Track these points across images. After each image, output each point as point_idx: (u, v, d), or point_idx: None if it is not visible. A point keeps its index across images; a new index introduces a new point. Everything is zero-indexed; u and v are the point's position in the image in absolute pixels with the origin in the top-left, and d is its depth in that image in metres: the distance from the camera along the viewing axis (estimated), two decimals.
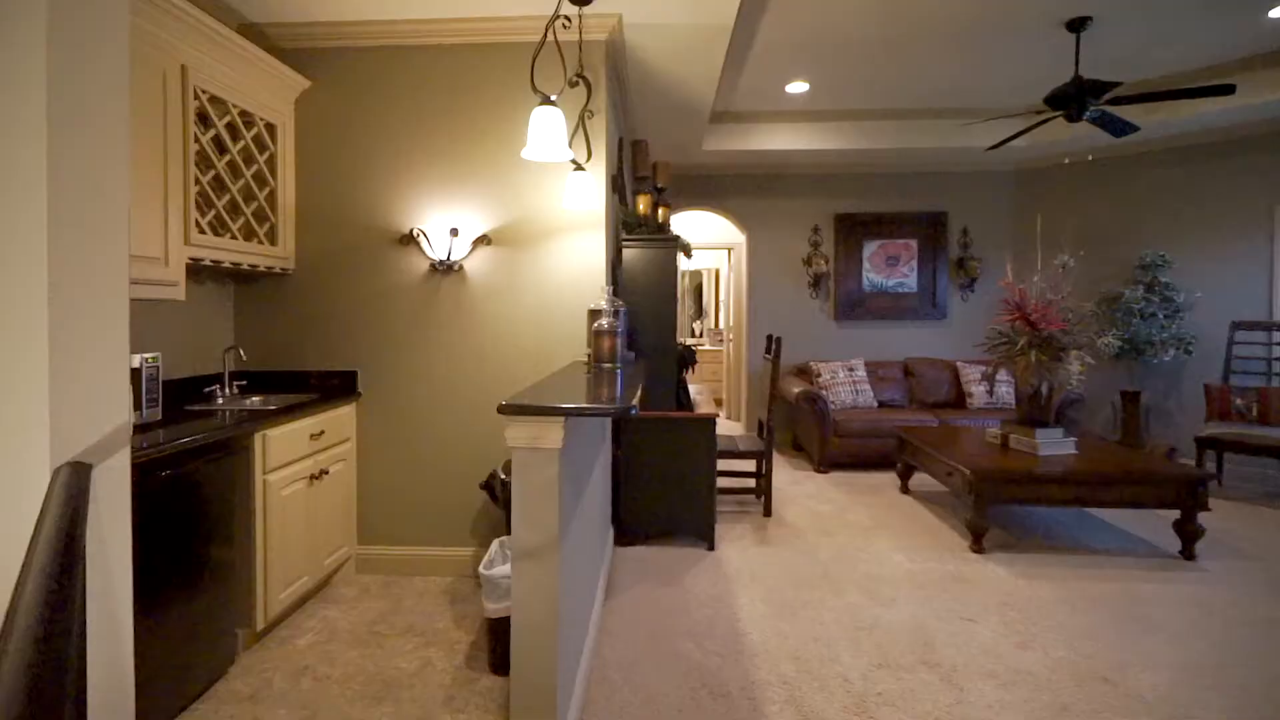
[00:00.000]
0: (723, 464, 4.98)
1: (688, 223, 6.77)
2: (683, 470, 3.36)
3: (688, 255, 4.49)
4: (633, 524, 3.38)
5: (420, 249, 3.03)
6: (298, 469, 2.53)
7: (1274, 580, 2.98)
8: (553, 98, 1.89)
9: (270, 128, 2.89)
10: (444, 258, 3.01)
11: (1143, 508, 3.28)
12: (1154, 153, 5.15)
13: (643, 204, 3.51)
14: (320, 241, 3.05)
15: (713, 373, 8.34)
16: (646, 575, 3.02)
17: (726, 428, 6.65)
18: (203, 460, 2.05)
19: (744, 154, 5.47)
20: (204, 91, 2.44)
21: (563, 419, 1.53)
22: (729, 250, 7.24)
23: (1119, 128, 3.65)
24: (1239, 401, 4.46)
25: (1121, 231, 5.30)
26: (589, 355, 2.71)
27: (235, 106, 2.64)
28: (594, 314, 2.71)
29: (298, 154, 3.04)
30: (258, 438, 2.29)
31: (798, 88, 4.57)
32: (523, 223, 3.03)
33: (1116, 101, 3.39)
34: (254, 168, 2.79)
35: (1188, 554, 3.26)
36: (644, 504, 3.37)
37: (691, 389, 4.67)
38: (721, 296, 8.36)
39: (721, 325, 8.39)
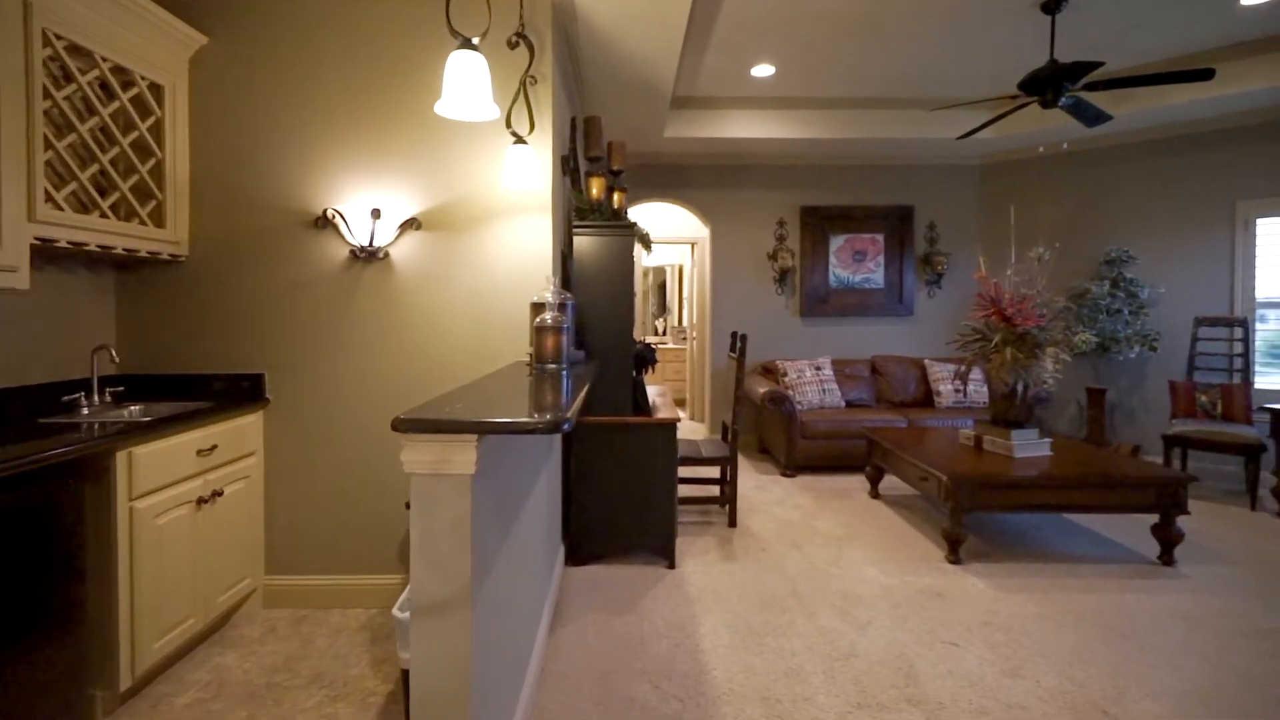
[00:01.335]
0: (684, 471, 4.70)
1: (649, 215, 6.47)
2: (641, 481, 3.05)
3: (647, 248, 4.18)
4: (585, 542, 3.06)
5: (338, 233, 2.64)
6: (180, 491, 2.12)
7: (1256, 586, 2.85)
8: (474, 41, 1.56)
9: (156, 89, 2.46)
10: (366, 243, 2.63)
11: (1122, 512, 3.13)
12: (1119, 147, 5.08)
13: (595, 187, 3.18)
14: (219, 224, 2.63)
15: (676, 372, 8.08)
16: (599, 600, 2.71)
17: (689, 430, 6.39)
18: (42, 486, 1.64)
19: (707, 142, 5.19)
20: (59, 37, 2.01)
21: (475, 438, 1.20)
22: (692, 245, 6.97)
23: (1092, 116, 3.50)
24: (1203, 398, 4.40)
25: (1087, 226, 5.23)
26: (530, 355, 2.37)
27: (107, 60, 2.21)
28: (537, 308, 2.38)
29: (193, 122, 2.62)
30: (121, 457, 1.89)
31: (763, 70, 4.32)
32: (458, 204, 2.68)
33: (1092, 87, 3.23)
34: (133, 135, 2.37)
35: (1167, 560, 3.13)
36: (597, 519, 3.06)
37: (651, 390, 4.37)
38: (685, 293, 8.10)
39: (685, 323, 8.12)
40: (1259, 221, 4.55)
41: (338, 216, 2.61)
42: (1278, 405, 3.88)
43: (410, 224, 2.67)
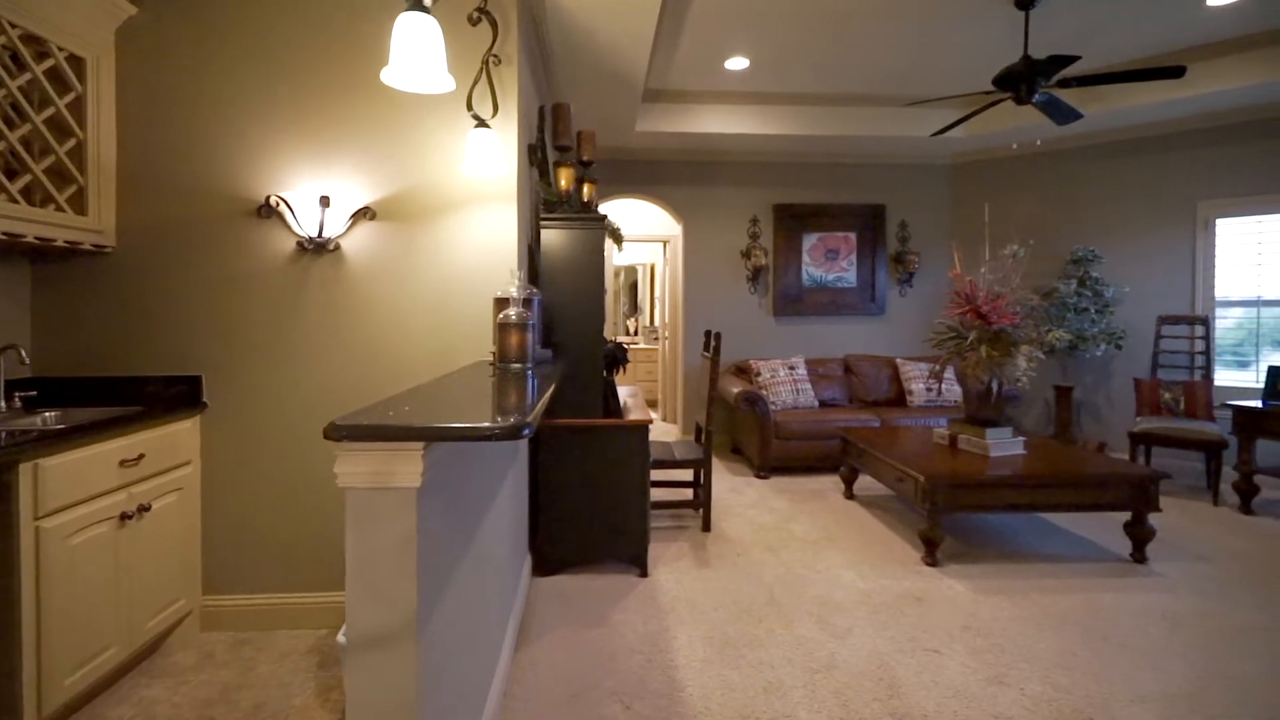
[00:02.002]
0: (657, 474, 4.59)
1: (621, 212, 6.34)
2: (612, 485, 2.91)
3: (618, 243, 4.05)
4: (553, 551, 2.92)
5: (283, 223, 2.44)
6: (99, 507, 1.91)
7: (1228, 583, 2.86)
8: (426, 2, 1.40)
9: (76, 62, 2.24)
10: (314, 234, 2.44)
11: (1097, 510, 3.12)
12: (1086, 148, 5.14)
13: (564, 178, 3.04)
14: (151, 212, 2.41)
15: (648, 372, 7.96)
16: (568, 613, 2.56)
17: (661, 432, 6.27)
18: None
19: (680, 137, 5.09)
20: None
21: (422, 446, 1.05)
22: (664, 243, 6.86)
23: (1064, 113, 3.49)
24: (1167, 395, 4.46)
25: (1055, 226, 5.28)
26: (493, 353, 2.22)
27: (16, 27, 1.99)
28: (501, 303, 2.22)
29: (120, 99, 2.39)
30: (25, 469, 1.67)
31: (737, 64, 4.23)
32: (416, 192, 2.50)
33: (1065, 84, 3.22)
34: (49, 111, 2.14)
35: (1139, 557, 3.12)
36: (567, 527, 2.91)
37: (623, 391, 4.24)
38: (657, 292, 7.99)
39: (657, 322, 8.01)
40: (1218, 222, 4.64)
41: (282, 204, 2.41)
42: (1239, 402, 3.94)
43: (363, 213, 2.48)
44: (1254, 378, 4.59)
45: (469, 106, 2.35)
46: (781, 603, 2.68)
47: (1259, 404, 3.85)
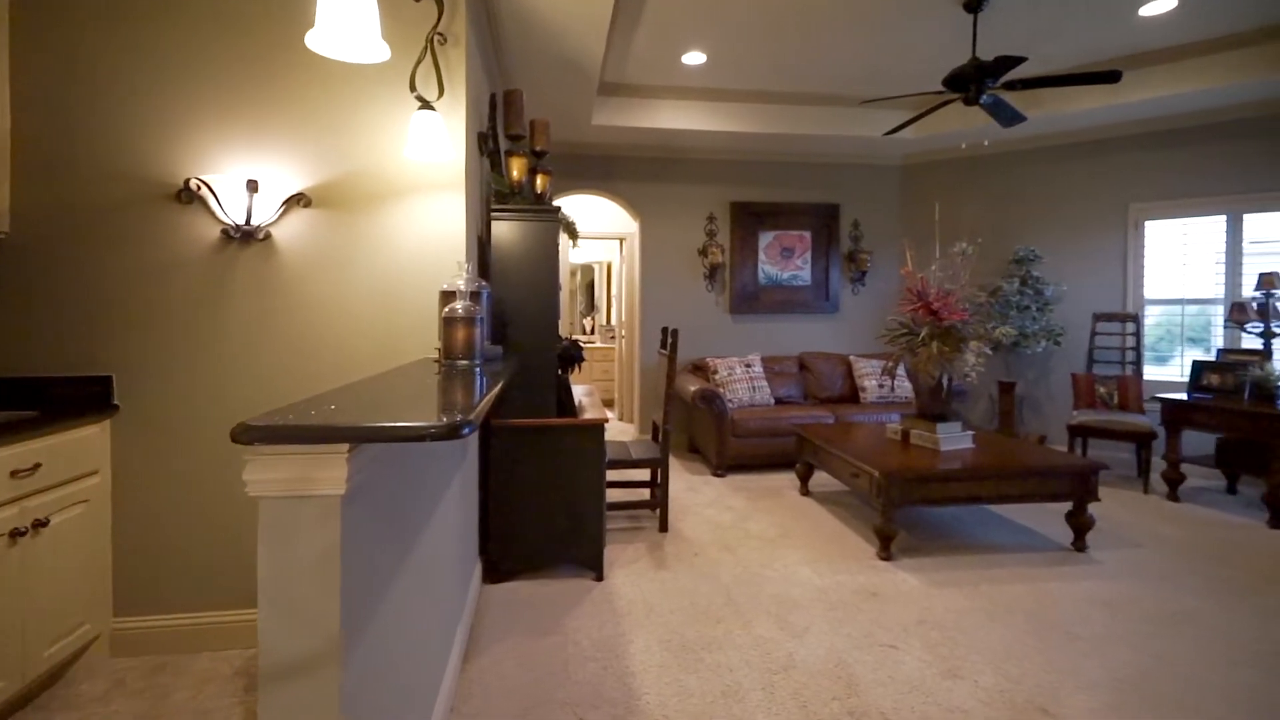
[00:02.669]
0: (613, 474, 4.51)
1: (577, 208, 6.23)
2: (566, 487, 2.82)
3: (573, 237, 3.94)
4: (505, 556, 2.80)
5: (206, 208, 2.25)
6: None
7: (1161, 569, 2.98)
8: None
9: None
10: (242, 221, 2.25)
11: (1042, 501, 3.20)
12: (1027, 151, 5.33)
13: (517, 169, 2.92)
14: (51, 195, 2.18)
15: (604, 371, 7.87)
16: (520, 621, 2.45)
17: (618, 431, 6.20)
18: None
19: (637, 131, 5.01)
20: None
21: (347, 448, 0.94)
22: (621, 240, 6.78)
23: (1009, 116, 3.58)
24: (1102, 390, 4.66)
25: (999, 226, 5.45)
26: (439, 350, 2.09)
27: None
28: (447, 297, 2.10)
29: (13, 69, 2.15)
30: None
31: (695, 58, 4.18)
32: (355, 178, 2.35)
33: (1011, 86, 3.30)
34: None
35: (1079, 545, 3.23)
36: (519, 531, 2.80)
37: (578, 390, 4.14)
38: (613, 291, 7.90)
39: (614, 321, 7.93)
40: (1147, 224, 4.87)
41: (204, 188, 2.22)
42: (1167, 395, 4.13)
43: (297, 200, 2.31)
44: (1177, 372, 4.84)
45: (412, 87, 2.21)
46: (739, 603, 2.64)
47: (1185, 397, 4.05)
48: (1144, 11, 3.53)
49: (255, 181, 2.23)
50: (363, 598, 1.07)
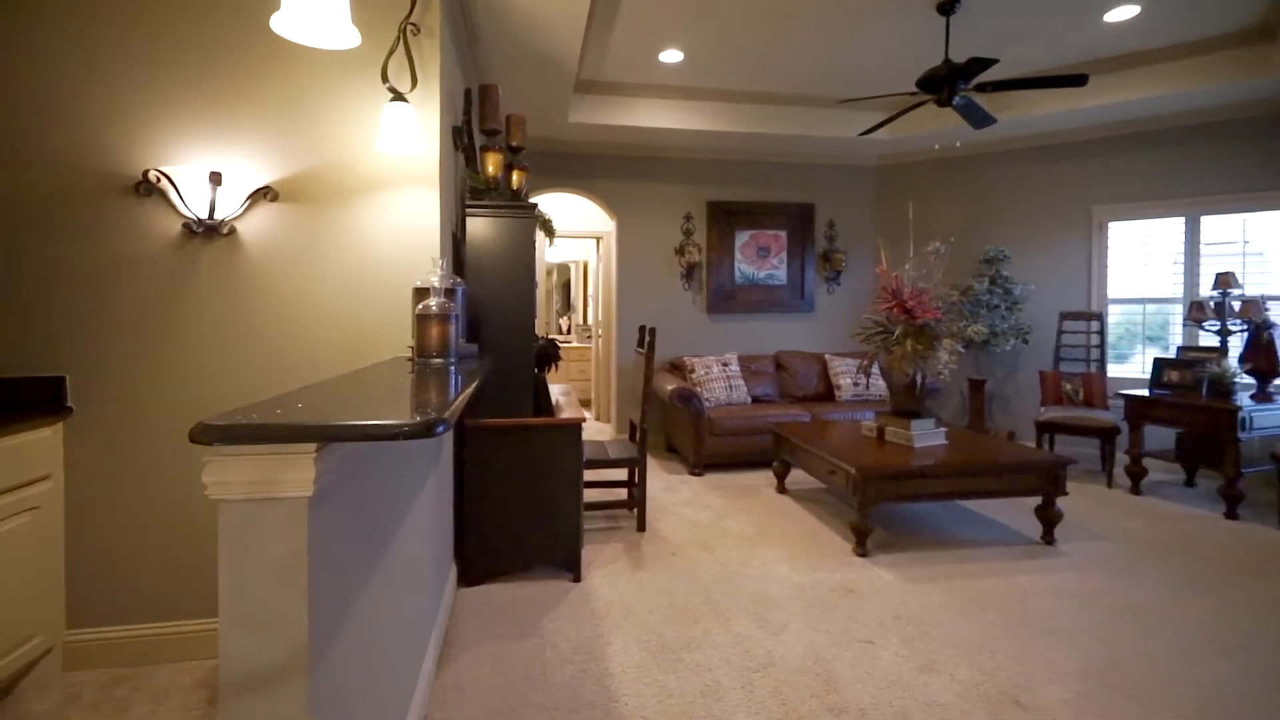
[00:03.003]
0: (590, 474, 4.48)
1: (554, 207, 6.17)
2: (543, 487, 2.78)
3: (550, 235, 3.91)
4: (480, 559, 2.75)
5: (167, 201, 2.16)
6: None
7: (1126, 561, 3.06)
8: None
9: None
10: (205, 215, 2.17)
11: (1013, 496, 3.26)
12: (997, 154, 5.44)
13: (492, 164, 2.87)
14: (1, 185, 2.07)
15: (580, 371, 7.82)
16: (496, 625, 2.41)
17: (595, 431, 6.16)
18: None
19: (614, 130, 4.99)
20: None
21: (314, 448, 0.90)
22: (598, 240, 6.75)
23: (980, 118, 3.65)
24: (1068, 387, 4.78)
25: (970, 227, 5.55)
26: (412, 348, 2.04)
27: None
28: (421, 293, 2.05)
29: None
30: None
31: (672, 56, 4.17)
32: (324, 172, 2.28)
33: (982, 89, 3.35)
34: None
35: (1049, 539, 3.30)
36: (495, 532, 2.75)
37: (554, 390, 4.10)
38: (590, 290, 7.86)
39: (590, 320, 7.89)
40: (1111, 225, 5.01)
41: (165, 180, 2.13)
42: (1130, 391, 4.25)
43: (263, 193, 2.24)
44: (1138, 369, 4.99)
45: (384, 78, 2.16)
46: (718, 601, 2.63)
47: (1146, 393, 4.17)
48: (1108, 17, 3.63)
49: (219, 174, 2.15)
50: (332, 604, 1.03)
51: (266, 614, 0.89)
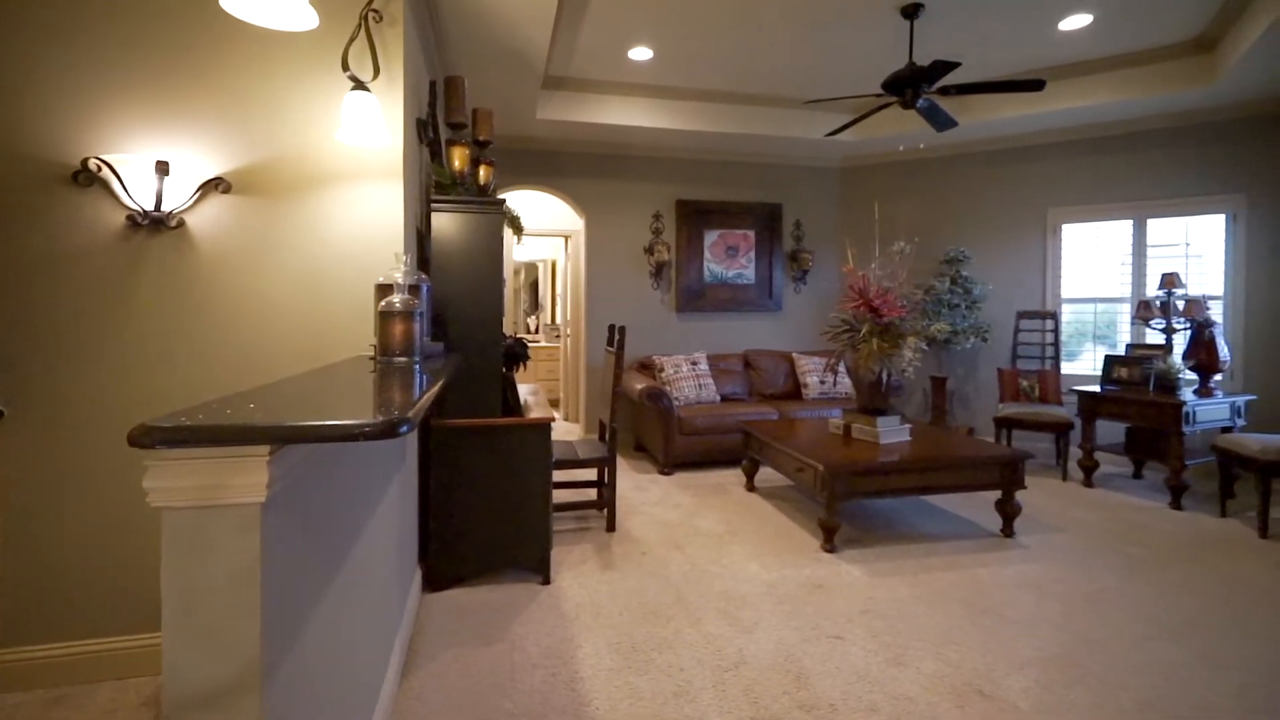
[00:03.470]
0: (560, 475, 4.44)
1: (522, 205, 6.09)
2: (511, 489, 2.73)
3: (518, 232, 3.85)
4: (446, 563, 2.68)
5: (109, 191, 2.04)
6: None
7: (1079, 551, 3.16)
8: None
9: None
10: (151, 206, 2.06)
11: (975, 490, 3.34)
12: (959, 156, 5.58)
13: (458, 158, 2.80)
14: None
15: (548, 371, 7.75)
16: (463, 631, 2.36)
17: (564, 431, 6.11)
18: None
19: (583, 127, 4.94)
20: None
21: (268, 450, 0.85)
22: (566, 238, 6.69)
23: (942, 121, 3.73)
24: (1025, 383, 4.93)
25: (932, 228, 5.68)
26: (375, 347, 1.98)
27: None
28: (384, 290, 1.98)
29: None
30: None
31: (641, 54, 4.15)
32: (282, 162, 2.19)
33: (945, 92, 3.43)
34: None
35: (1008, 531, 3.39)
36: (462, 535, 2.69)
37: (523, 389, 4.04)
38: (558, 289, 7.79)
39: (559, 319, 7.81)
40: (1064, 227, 5.19)
41: (106, 170, 2.01)
42: (1082, 388, 4.41)
43: (215, 184, 2.13)
44: (1089, 366, 5.19)
45: (345, 66, 2.08)
46: (688, 601, 2.62)
47: (1098, 389, 4.33)
48: (1063, 25, 3.75)
49: (166, 163, 2.04)
50: (287, 617, 0.98)
51: (215, 629, 0.84)
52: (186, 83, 2.09)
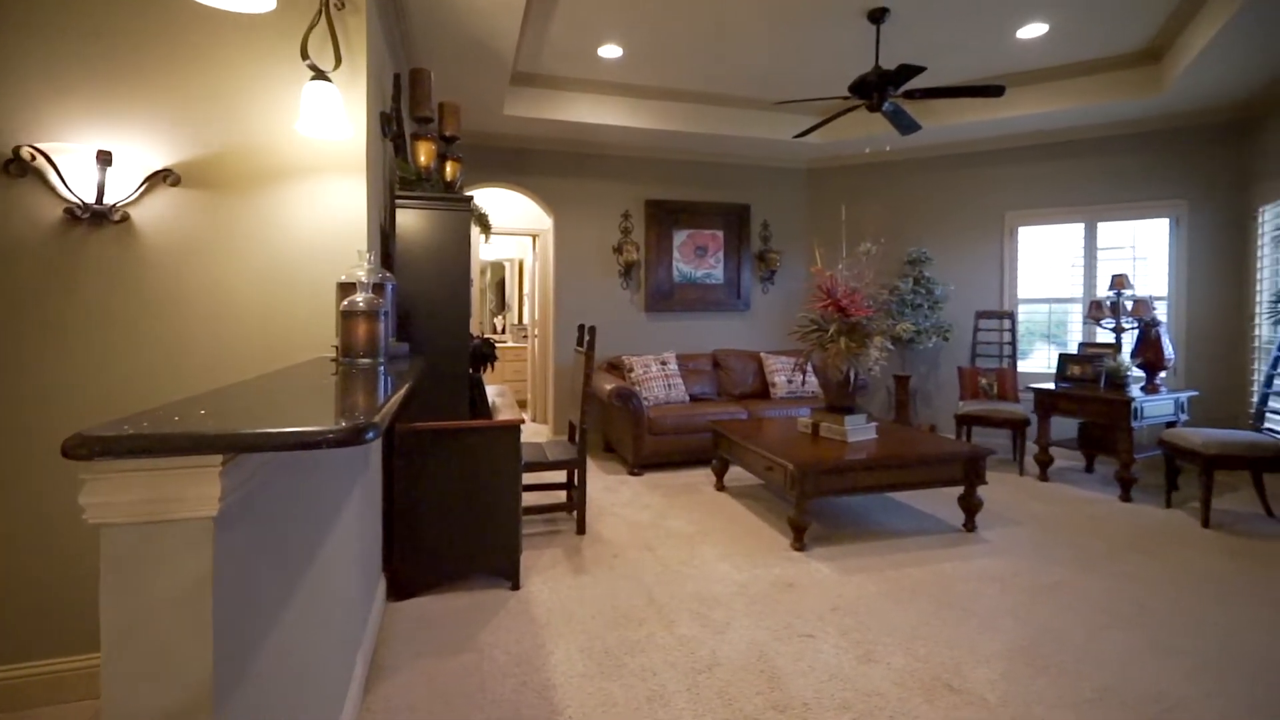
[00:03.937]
0: (529, 477, 4.37)
1: (489, 203, 5.97)
2: (479, 492, 2.67)
3: (485, 230, 3.78)
4: (412, 570, 2.61)
5: (44, 182, 1.92)
6: None
7: (1037, 543, 3.26)
8: None
9: None
10: (92, 199, 1.94)
11: (939, 486, 3.41)
12: (923, 159, 5.71)
13: (424, 154, 2.72)
14: None
15: (516, 372, 7.65)
16: (430, 640, 2.29)
17: (532, 432, 6.03)
18: None
19: (552, 124, 4.88)
20: None
21: (220, 460, 0.79)
22: (534, 237, 6.61)
23: (907, 124, 3.80)
24: (984, 381, 5.07)
25: (896, 229, 5.80)
26: (337, 347, 1.90)
27: None
28: (347, 289, 1.91)
29: None
30: None
31: (611, 51, 4.12)
32: (235, 155, 2.09)
33: (910, 96, 3.49)
34: None
35: (970, 526, 3.47)
36: (428, 542, 2.62)
37: (491, 390, 3.97)
38: (526, 289, 7.69)
39: (526, 320, 7.72)
40: (1021, 230, 5.36)
41: (41, 159, 1.88)
42: (1038, 385, 4.56)
43: (162, 177, 2.02)
44: (1043, 364, 5.37)
45: (304, 54, 1.99)
46: (661, 603, 2.61)
47: (1053, 386, 4.48)
48: (1021, 34, 3.86)
49: (108, 153, 1.92)
50: (241, 636, 0.92)
51: (163, 650, 0.78)
52: (131, 69, 1.98)
